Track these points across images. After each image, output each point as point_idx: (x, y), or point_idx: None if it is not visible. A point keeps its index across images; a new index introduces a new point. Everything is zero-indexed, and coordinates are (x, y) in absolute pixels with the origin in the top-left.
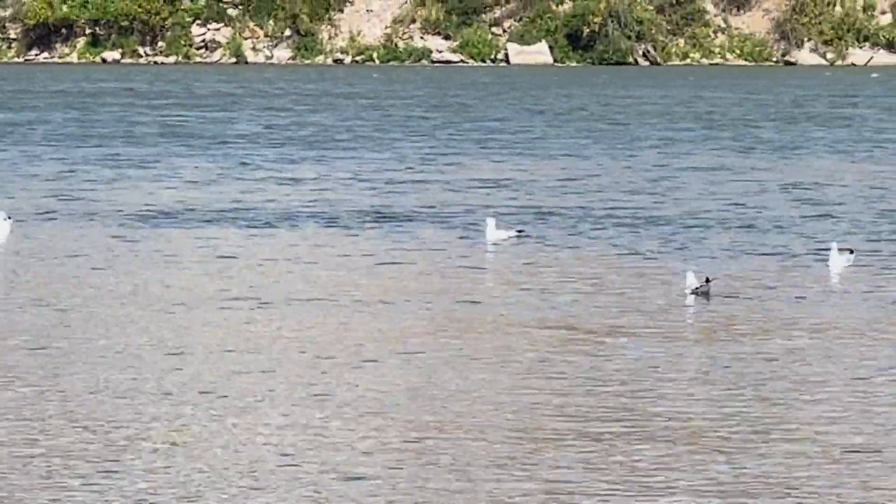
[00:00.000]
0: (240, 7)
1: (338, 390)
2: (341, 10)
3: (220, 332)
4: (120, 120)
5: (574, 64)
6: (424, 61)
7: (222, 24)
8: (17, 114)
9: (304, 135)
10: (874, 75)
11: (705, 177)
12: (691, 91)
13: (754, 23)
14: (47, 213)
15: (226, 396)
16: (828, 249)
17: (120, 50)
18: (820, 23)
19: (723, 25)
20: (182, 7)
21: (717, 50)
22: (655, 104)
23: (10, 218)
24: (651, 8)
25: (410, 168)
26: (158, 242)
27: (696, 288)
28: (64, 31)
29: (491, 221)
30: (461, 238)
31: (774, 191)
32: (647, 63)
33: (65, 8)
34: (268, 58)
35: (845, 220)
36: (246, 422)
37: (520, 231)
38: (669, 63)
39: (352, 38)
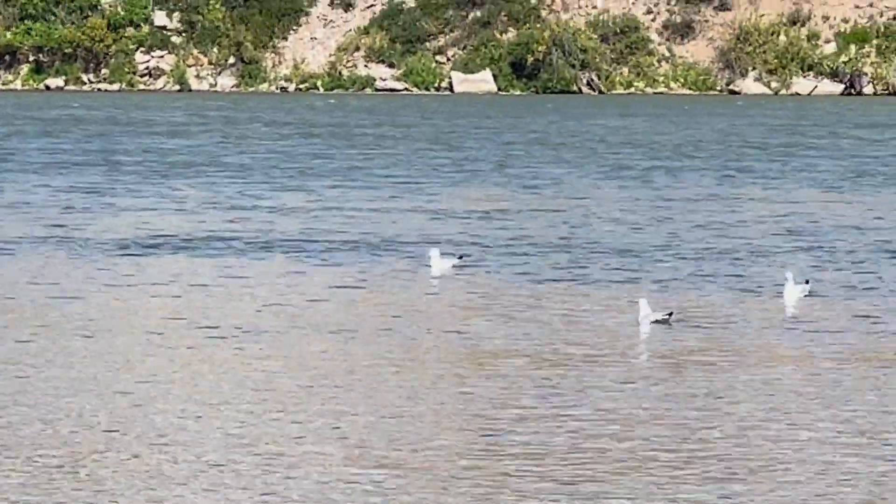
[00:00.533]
0: (184, 34)
1: (283, 419)
2: (285, 38)
3: (167, 362)
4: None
5: (518, 92)
6: (368, 89)
7: (166, 52)
8: None
9: (249, 163)
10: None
11: (660, 205)
12: (646, 120)
13: (698, 52)
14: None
15: (178, 424)
16: (783, 280)
17: (63, 77)
18: (764, 52)
19: (667, 54)
20: (126, 34)
21: (661, 79)
22: (605, 132)
23: None
24: (595, 37)
25: (351, 197)
26: (115, 270)
27: (658, 318)
28: (7, 57)
29: (435, 251)
30: (406, 268)
31: (729, 220)
32: (591, 92)
33: (8, 35)
34: (212, 86)
35: (804, 250)
36: (194, 453)
37: (461, 256)
38: (613, 92)
39: (296, 66)
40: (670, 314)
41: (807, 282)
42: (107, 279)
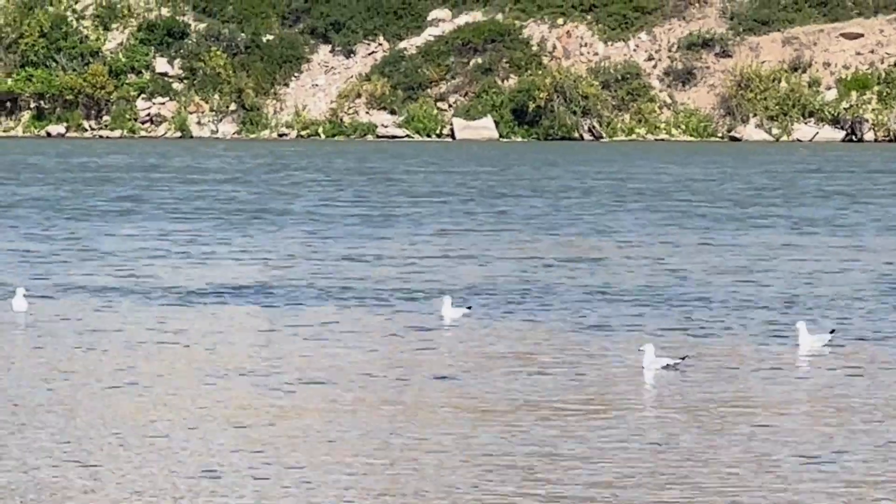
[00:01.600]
0: (185, 81)
1: (286, 463)
2: (287, 85)
3: (163, 408)
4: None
5: (519, 139)
6: (370, 136)
7: (167, 99)
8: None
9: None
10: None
11: (665, 251)
12: (647, 165)
13: (699, 98)
14: (61, 288)
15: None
16: (793, 329)
17: (65, 124)
18: (765, 98)
19: (668, 101)
20: (127, 81)
21: (662, 125)
22: (606, 180)
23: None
24: (596, 83)
25: (361, 245)
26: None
27: (668, 364)
28: (8, 104)
29: (447, 299)
30: (418, 315)
31: (733, 266)
32: (592, 138)
33: (10, 81)
34: (213, 132)
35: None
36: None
37: (469, 308)
38: (615, 138)
39: (297, 113)
40: (683, 358)
41: (832, 331)
42: (178, 326)
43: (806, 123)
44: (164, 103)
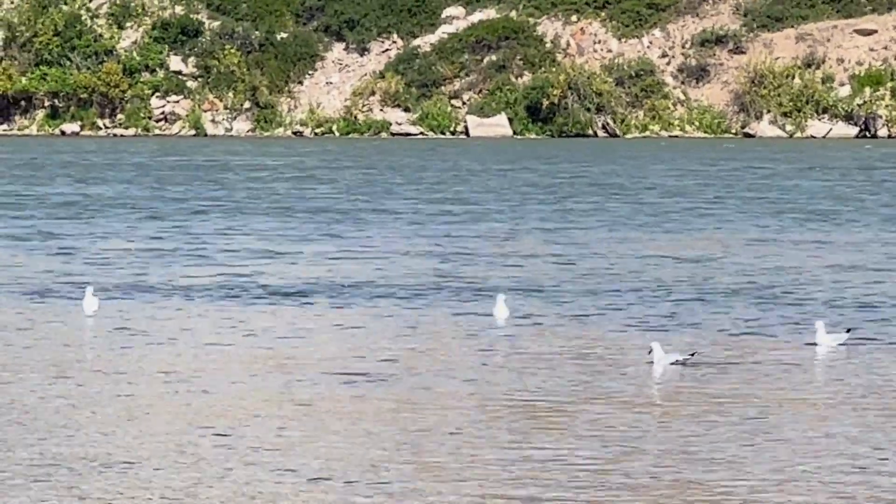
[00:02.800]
0: (199, 79)
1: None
2: (301, 83)
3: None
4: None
5: (533, 136)
6: (384, 133)
7: (181, 97)
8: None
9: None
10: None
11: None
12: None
13: (713, 95)
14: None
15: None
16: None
17: (79, 122)
18: (779, 95)
19: (682, 98)
20: (141, 79)
21: (676, 122)
22: (676, 177)
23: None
24: (610, 80)
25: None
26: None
27: (678, 360)
28: (23, 103)
29: (501, 297)
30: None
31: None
32: (606, 135)
33: (24, 80)
34: (227, 130)
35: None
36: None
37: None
38: (628, 135)
39: (311, 111)
40: (692, 354)
41: (847, 330)
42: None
43: (819, 120)
44: (178, 101)
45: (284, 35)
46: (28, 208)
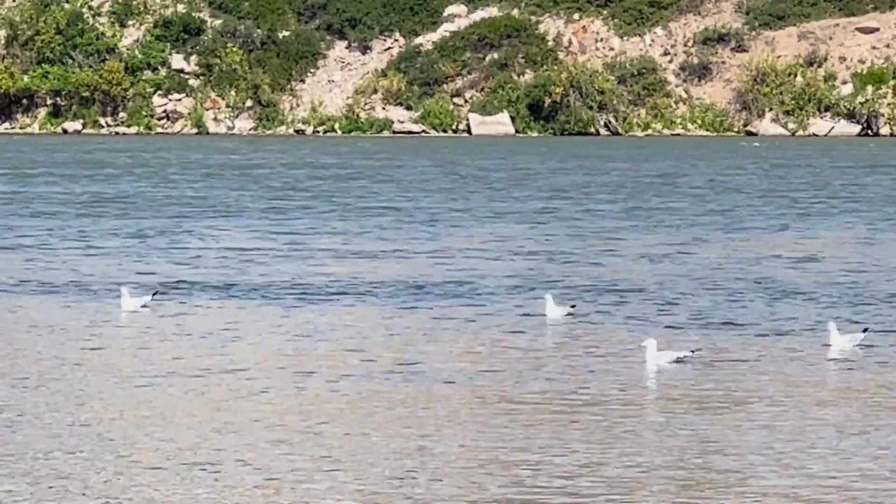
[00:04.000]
0: (201, 78)
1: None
2: (303, 81)
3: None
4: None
5: (535, 134)
6: (386, 132)
7: (183, 95)
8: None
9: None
10: (755, 144)
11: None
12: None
13: (715, 93)
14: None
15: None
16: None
17: (81, 120)
18: (781, 93)
19: (684, 96)
20: (143, 78)
21: (678, 120)
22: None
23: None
24: (612, 78)
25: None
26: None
27: (677, 358)
28: (25, 101)
29: (549, 297)
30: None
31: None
32: (608, 133)
33: (26, 78)
34: (229, 128)
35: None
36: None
37: (573, 306)
38: (630, 134)
39: (313, 109)
40: (693, 352)
41: (865, 330)
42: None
43: (822, 118)
44: (180, 100)
45: (286, 33)
46: (150, 209)
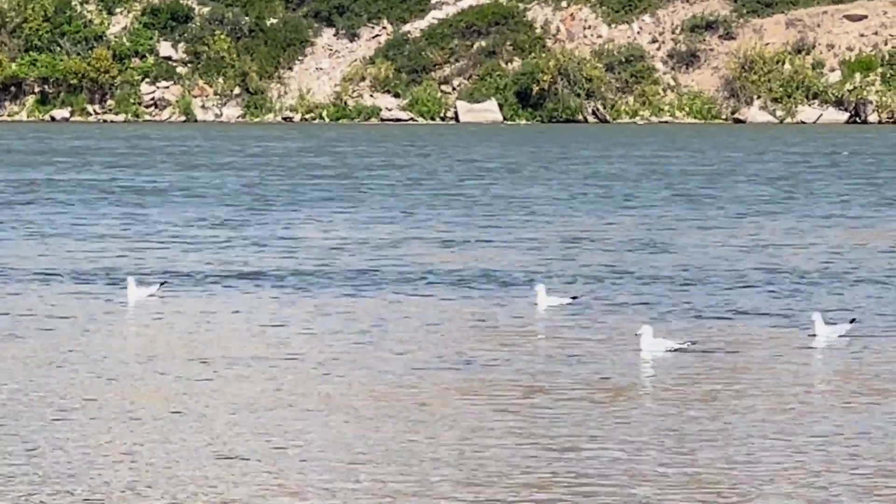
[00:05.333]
0: (189, 65)
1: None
2: (291, 69)
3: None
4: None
5: (523, 122)
6: (374, 119)
7: (171, 83)
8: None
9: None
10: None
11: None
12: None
13: (703, 80)
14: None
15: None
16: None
17: (69, 108)
18: (769, 80)
19: (672, 83)
20: (131, 65)
21: (666, 108)
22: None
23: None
24: (600, 66)
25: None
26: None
27: (675, 347)
28: (13, 88)
29: (541, 287)
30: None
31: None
32: (596, 121)
33: (14, 66)
34: (217, 116)
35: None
36: (204, 473)
37: (574, 297)
38: (618, 121)
39: (301, 97)
40: (688, 343)
41: (852, 321)
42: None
43: (810, 105)
44: (168, 87)
45: (274, 21)
46: (208, 196)
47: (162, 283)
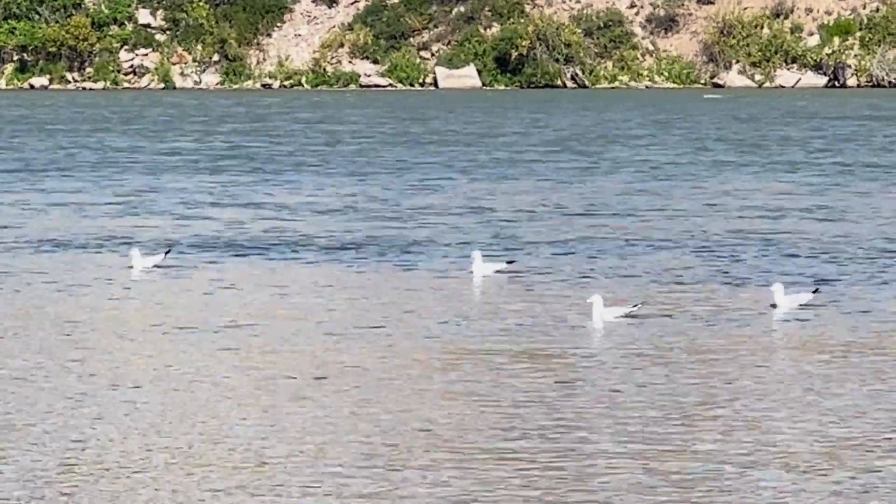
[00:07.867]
0: (168, 32)
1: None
2: (269, 35)
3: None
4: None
5: (502, 87)
6: (353, 86)
7: (150, 50)
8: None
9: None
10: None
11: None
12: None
13: (682, 45)
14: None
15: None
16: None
17: (48, 76)
18: (748, 45)
19: (651, 48)
20: (110, 33)
21: (644, 73)
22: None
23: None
24: (579, 31)
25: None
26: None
27: (624, 313)
28: None
29: (477, 254)
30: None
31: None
32: (574, 86)
33: None
34: (196, 83)
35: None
36: (194, 446)
37: (509, 261)
38: (598, 86)
39: (280, 63)
40: (635, 306)
41: (815, 291)
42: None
43: (788, 70)
44: (146, 55)
45: None
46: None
47: (167, 252)
